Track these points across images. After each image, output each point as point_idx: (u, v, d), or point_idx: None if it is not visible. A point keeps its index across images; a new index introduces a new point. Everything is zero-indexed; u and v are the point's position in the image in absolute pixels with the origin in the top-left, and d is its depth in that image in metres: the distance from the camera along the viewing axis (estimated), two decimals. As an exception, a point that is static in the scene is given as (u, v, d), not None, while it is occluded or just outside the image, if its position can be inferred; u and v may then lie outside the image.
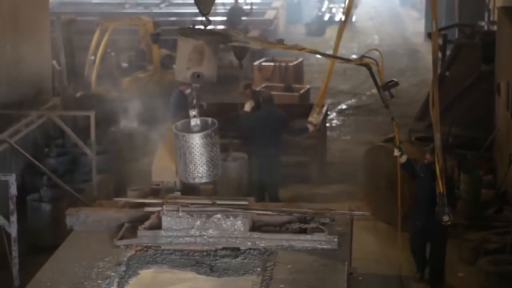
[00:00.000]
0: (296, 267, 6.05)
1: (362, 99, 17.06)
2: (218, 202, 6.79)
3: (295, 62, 16.65)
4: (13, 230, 6.34)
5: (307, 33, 25.14)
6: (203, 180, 6.16)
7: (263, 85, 14.54)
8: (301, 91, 14.47)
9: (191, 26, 6.28)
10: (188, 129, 6.04)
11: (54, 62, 13.19)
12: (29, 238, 8.48)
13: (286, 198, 10.03)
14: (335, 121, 15.39)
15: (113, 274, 5.98)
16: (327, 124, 13.75)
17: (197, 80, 5.93)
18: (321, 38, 23.80)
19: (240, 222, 6.51)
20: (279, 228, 6.65)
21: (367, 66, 6.44)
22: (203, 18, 6.12)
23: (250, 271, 6.27)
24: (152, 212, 6.76)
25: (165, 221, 6.52)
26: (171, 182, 7.62)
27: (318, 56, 14.73)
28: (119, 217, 6.84)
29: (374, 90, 17.78)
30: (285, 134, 9.98)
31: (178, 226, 6.51)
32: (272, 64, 16.62)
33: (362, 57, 6.43)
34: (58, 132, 10.77)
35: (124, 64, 15.14)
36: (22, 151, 8.54)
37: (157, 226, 6.58)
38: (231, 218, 6.52)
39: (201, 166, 6.01)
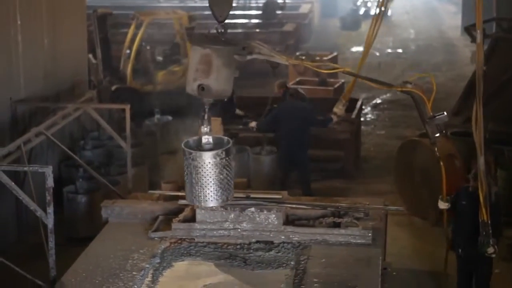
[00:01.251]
0: (329, 261, 6.03)
1: (397, 93, 16.87)
2: (252, 195, 6.81)
3: (329, 56, 16.60)
4: (49, 221, 6.41)
5: (341, 27, 25.04)
6: (209, 204, 5.47)
7: (297, 79, 14.51)
8: (336, 85, 14.40)
9: (206, 32, 5.86)
10: (199, 147, 5.44)
11: (90, 55, 13.32)
12: (65, 230, 8.58)
13: (320, 192, 10.00)
14: (369, 115, 15.30)
15: (147, 266, 6.03)
16: (362, 119, 13.68)
17: (203, 94, 5.22)
18: (356, 32, 23.67)
19: (274, 215, 6.51)
20: (313, 222, 6.64)
21: (412, 95, 5.62)
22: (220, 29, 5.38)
23: (284, 265, 6.27)
24: (187, 205, 6.79)
25: (199, 214, 6.55)
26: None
27: (353, 49, 14.67)
28: (153, 210, 6.89)
29: (410, 85, 17.73)
30: (314, 127, 10.01)
31: (212, 219, 6.53)
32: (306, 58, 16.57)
33: (406, 83, 5.72)
34: (94, 125, 10.87)
35: (159, 58, 15.21)
36: (59, 143, 8.63)
37: (191, 219, 6.61)
38: (265, 212, 6.52)
39: (208, 189, 5.31)
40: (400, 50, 22.03)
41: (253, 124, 10.61)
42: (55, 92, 10.28)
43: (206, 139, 5.37)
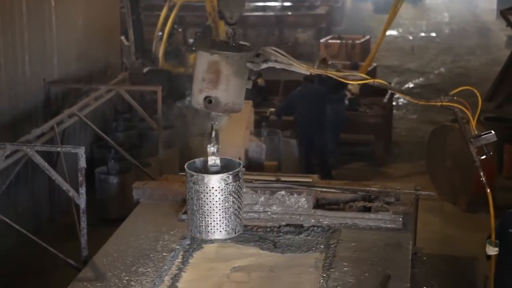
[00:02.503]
0: (359, 246, 6.02)
1: (430, 77, 16.79)
2: (282, 178, 6.81)
3: (362, 40, 16.50)
4: (81, 202, 6.48)
5: (374, 10, 24.84)
6: (212, 237, 4.63)
7: (329, 63, 14.42)
8: (368, 69, 14.32)
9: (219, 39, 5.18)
10: (205, 169, 4.69)
11: (123, 37, 13.37)
12: (97, 210, 8.66)
13: (351, 176, 9.99)
14: (401, 99, 15.20)
15: (178, 247, 6.07)
16: (394, 103, 13.59)
17: (211, 107, 4.44)
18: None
19: (304, 199, 6.51)
20: (343, 206, 6.63)
21: (454, 110, 4.84)
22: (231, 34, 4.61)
23: (313, 248, 6.27)
24: (217, 187, 6.81)
25: (229, 196, 6.56)
26: (235, 157, 7.67)
27: (386, 33, 14.57)
28: (184, 192, 6.90)
29: (443, 69, 17.59)
30: (330, 106, 10.06)
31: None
32: (338, 41, 16.49)
33: (446, 96, 4.80)
34: (126, 107, 10.94)
35: (191, 40, 15.23)
36: (91, 124, 8.70)
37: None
38: (295, 195, 6.53)
39: (210, 218, 4.52)
40: (433, 34, 21.81)
41: (271, 111, 10.73)
42: (87, 73, 10.35)
43: (213, 160, 4.62)
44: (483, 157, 4.85)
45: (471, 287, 7.50)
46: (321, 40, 16.97)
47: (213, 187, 4.49)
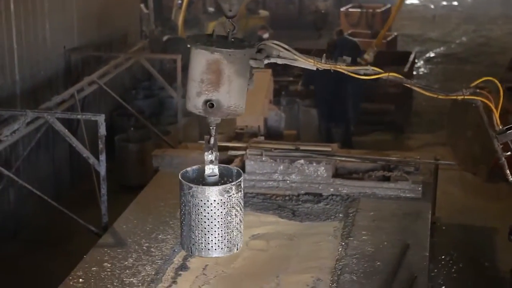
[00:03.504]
0: (378, 215, 6.02)
1: (452, 47, 16.63)
2: (302, 147, 6.81)
3: (382, 9, 16.33)
4: (102, 169, 6.51)
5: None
6: (212, 255, 4.15)
7: (350, 32, 14.34)
8: (388, 38, 14.20)
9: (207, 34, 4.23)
10: (201, 179, 4.24)
11: (142, 5, 13.34)
12: (117, 177, 8.71)
13: (370, 145, 9.96)
14: (422, 69, 15.08)
15: (197, 214, 6.09)
16: (414, 72, 13.49)
17: (212, 112, 3.97)
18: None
19: (323, 168, 6.51)
20: (362, 175, 6.62)
21: (476, 104, 4.40)
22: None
23: (332, 217, 6.28)
24: (236, 156, 6.83)
25: (249, 165, 6.58)
26: (255, 126, 7.66)
27: (407, 2, 14.41)
28: (203, 159, 6.92)
29: (465, 38, 17.41)
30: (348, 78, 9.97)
31: (261, 170, 6.56)
32: (359, 10, 16.34)
33: (467, 89, 4.39)
34: (145, 75, 10.94)
35: (210, 9, 15.16)
36: (111, 92, 8.72)
37: (241, 169, 6.64)
38: (314, 164, 6.53)
39: (211, 235, 4.06)
40: (455, 3, 21.56)
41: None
42: (107, 41, 10.35)
43: (211, 169, 4.14)
44: (509, 153, 4.39)
45: (490, 257, 7.48)
46: (341, 9, 16.83)
47: (214, 200, 4.01)
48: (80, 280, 4.96)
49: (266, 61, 4.11)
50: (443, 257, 7.22)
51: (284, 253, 5.71)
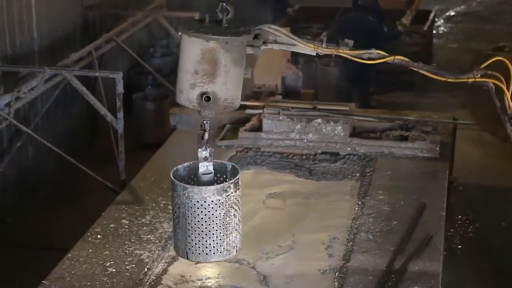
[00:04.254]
0: (395, 174, 6.02)
1: (472, 5, 16.41)
2: (319, 106, 6.79)
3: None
4: (119, 127, 6.53)
5: None
6: (211, 259, 3.90)
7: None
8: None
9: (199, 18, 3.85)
10: (194, 178, 3.97)
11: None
12: (134, 135, 8.75)
13: (388, 105, 9.91)
14: (442, 28, 14.92)
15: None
16: (434, 31, 13.35)
17: (208, 105, 3.68)
18: None
19: (340, 127, 6.49)
20: (380, 134, 6.60)
21: (487, 86, 4.20)
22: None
23: (349, 176, 6.28)
24: (253, 115, 6.82)
25: (266, 123, 6.57)
26: (272, 85, 7.64)
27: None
28: (220, 118, 6.93)
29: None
30: (381, 42, 9.81)
31: (278, 129, 6.55)
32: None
33: (478, 71, 4.09)
34: (163, 33, 10.90)
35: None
36: (129, 50, 8.70)
37: (258, 128, 6.65)
38: (332, 123, 6.51)
39: (209, 238, 3.77)
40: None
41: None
42: (125, -2, 10.30)
43: (205, 167, 3.87)
44: None
45: (507, 217, 7.47)
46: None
47: (212, 201, 3.71)
48: (98, 236, 5.01)
49: (262, 47, 3.82)
50: (459, 217, 7.22)
51: (300, 212, 5.73)
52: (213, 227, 3.74)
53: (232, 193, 3.78)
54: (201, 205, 3.71)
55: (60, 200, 7.26)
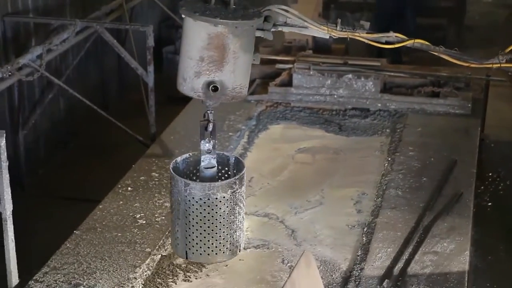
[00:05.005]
0: (426, 131, 5.98)
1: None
2: (350, 61, 6.73)
3: None
4: (150, 80, 6.54)
5: None
6: (214, 260, 3.58)
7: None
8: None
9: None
10: (194, 171, 3.64)
11: None
12: (164, 89, 8.75)
13: (420, 60, 9.80)
14: (476, -19, 14.63)
15: (243, 127, 6.13)
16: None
17: (214, 96, 3.35)
18: None
19: (371, 83, 6.45)
20: (411, 90, 6.55)
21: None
22: None
23: (379, 132, 6.26)
24: (283, 69, 6.80)
25: (296, 78, 6.55)
26: (303, 40, 7.57)
27: None
28: (251, 73, 6.88)
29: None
30: None
31: (308, 84, 6.53)
32: None
33: (503, 55, 3.78)
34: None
35: None
36: (159, 3, 8.67)
37: (288, 83, 6.63)
38: (362, 79, 6.47)
39: (212, 237, 3.47)
40: None
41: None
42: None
43: (207, 160, 3.53)
44: None
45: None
46: None
47: (216, 198, 3.38)
48: (129, 188, 5.06)
49: (272, 30, 3.48)
50: (490, 174, 7.16)
51: (329, 167, 5.73)
52: (216, 226, 3.42)
53: (237, 189, 3.43)
54: (204, 202, 3.37)
55: (91, 152, 7.32)
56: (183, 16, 3.27)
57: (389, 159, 5.58)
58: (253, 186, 5.41)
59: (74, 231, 4.53)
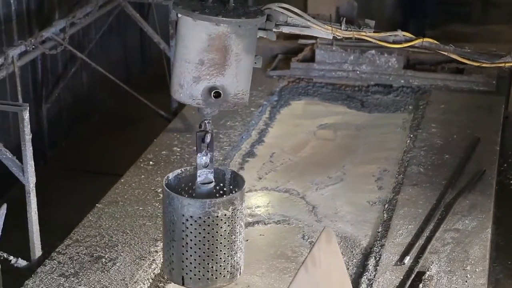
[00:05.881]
0: (449, 107, 5.93)
1: None
2: (373, 37, 6.68)
3: None
4: (171, 54, 6.54)
5: None
6: (214, 285, 3.20)
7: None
8: None
9: None
10: (187, 189, 3.34)
11: None
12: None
13: (445, 36, 9.71)
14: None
15: (265, 103, 6.12)
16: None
17: (215, 103, 3.00)
18: None
19: (394, 59, 6.41)
20: (435, 67, 6.49)
21: None
22: None
23: (402, 109, 6.23)
24: (306, 45, 6.76)
25: (319, 54, 6.52)
26: (326, 15, 7.52)
27: None
28: (272, 48, 6.89)
29: None
30: None
31: (331, 60, 6.49)
32: None
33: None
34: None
35: None
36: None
37: (310, 58, 6.60)
38: (385, 55, 6.42)
39: (212, 260, 3.14)
40: None
41: None
42: None
43: (204, 175, 3.20)
44: None
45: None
46: None
47: (217, 217, 3.07)
48: (150, 163, 5.09)
49: (274, 30, 3.19)
50: (513, 152, 7.11)
51: (351, 143, 5.72)
52: (216, 247, 3.10)
53: (238, 206, 3.13)
54: (204, 221, 3.06)
55: (113, 126, 7.35)
56: (178, 15, 2.96)
57: (411, 136, 5.55)
58: (274, 161, 5.41)
59: (96, 205, 4.56)
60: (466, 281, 3.87)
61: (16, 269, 4.13)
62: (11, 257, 4.08)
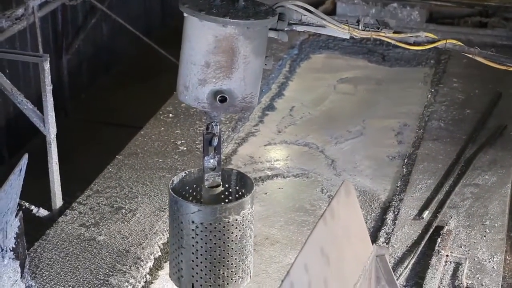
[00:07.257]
0: (472, 62, 5.81)
1: None
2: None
3: None
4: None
5: None
6: None
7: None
8: None
9: None
10: (192, 191, 3.23)
11: None
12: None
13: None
14: None
15: (285, 56, 6.09)
16: None
17: (221, 107, 2.86)
18: None
19: (417, 12, 6.34)
20: (458, 21, 6.41)
21: None
22: None
23: (423, 63, 6.17)
24: (327, -3, 6.70)
25: (340, 7, 6.47)
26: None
27: None
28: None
29: None
30: None
31: (352, 12, 6.43)
32: None
33: None
34: None
35: None
36: None
37: (332, 11, 6.53)
38: (408, 8, 6.35)
39: (223, 266, 3.05)
40: None
41: None
42: None
43: (212, 178, 3.05)
44: None
45: None
46: None
47: (228, 222, 2.96)
48: (170, 115, 5.09)
49: (286, 29, 3.00)
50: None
51: (371, 98, 5.69)
52: (228, 253, 3.00)
53: (247, 210, 3.00)
54: (215, 227, 2.95)
55: (133, 78, 7.35)
56: (185, 14, 2.85)
57: (433, 90, 5.51)
58: (294, 115, 5.40)
59: (116, 156, 4.59)
60: (484, 236, 3.87)
61: (38, 219, 4.18)
62: (33, 207, 4.14)
